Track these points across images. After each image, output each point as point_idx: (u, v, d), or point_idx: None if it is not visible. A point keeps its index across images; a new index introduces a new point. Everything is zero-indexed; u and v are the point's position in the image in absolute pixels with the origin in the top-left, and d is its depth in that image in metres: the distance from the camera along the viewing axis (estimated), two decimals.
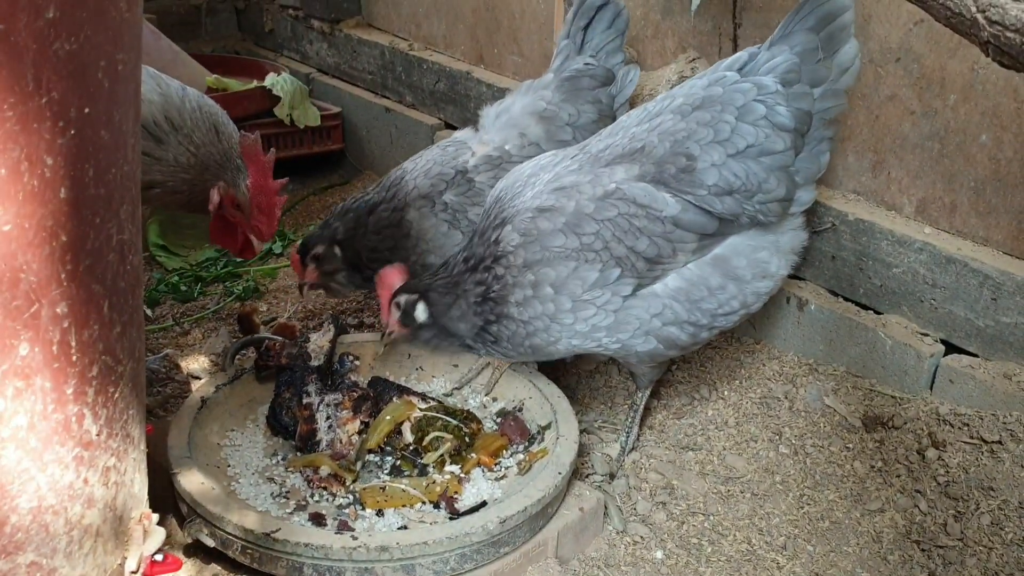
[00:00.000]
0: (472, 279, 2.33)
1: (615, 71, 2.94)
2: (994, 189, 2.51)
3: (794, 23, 2.34)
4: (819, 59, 2.32)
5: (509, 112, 2.88)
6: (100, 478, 1.45)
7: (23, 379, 1.28)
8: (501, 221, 2.31)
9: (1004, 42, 1.44)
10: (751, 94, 2.30)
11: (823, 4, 2.30)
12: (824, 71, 2.34)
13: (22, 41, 1.15)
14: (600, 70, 2.91)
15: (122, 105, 1.36)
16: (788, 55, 2.32)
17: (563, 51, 2.97)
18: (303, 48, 4.78)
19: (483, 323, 2.35)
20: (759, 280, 2.36)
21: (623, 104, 2.97)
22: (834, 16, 2.30)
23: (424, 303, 2.38)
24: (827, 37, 2.32)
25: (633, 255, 2.23)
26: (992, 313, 2.49)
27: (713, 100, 2.31)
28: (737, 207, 2.28)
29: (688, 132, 2.29)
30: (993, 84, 2.44)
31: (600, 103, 2.89)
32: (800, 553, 2.25)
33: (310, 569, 1.98)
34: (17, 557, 1.35)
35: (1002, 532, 2.19)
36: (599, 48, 2.95)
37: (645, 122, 2.36)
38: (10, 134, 1.17)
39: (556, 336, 2.30)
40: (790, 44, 2.33)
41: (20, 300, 1.24)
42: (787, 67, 2.31)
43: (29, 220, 1.22)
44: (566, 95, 2.88)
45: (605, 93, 2.91)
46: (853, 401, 2.64)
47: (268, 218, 2.66)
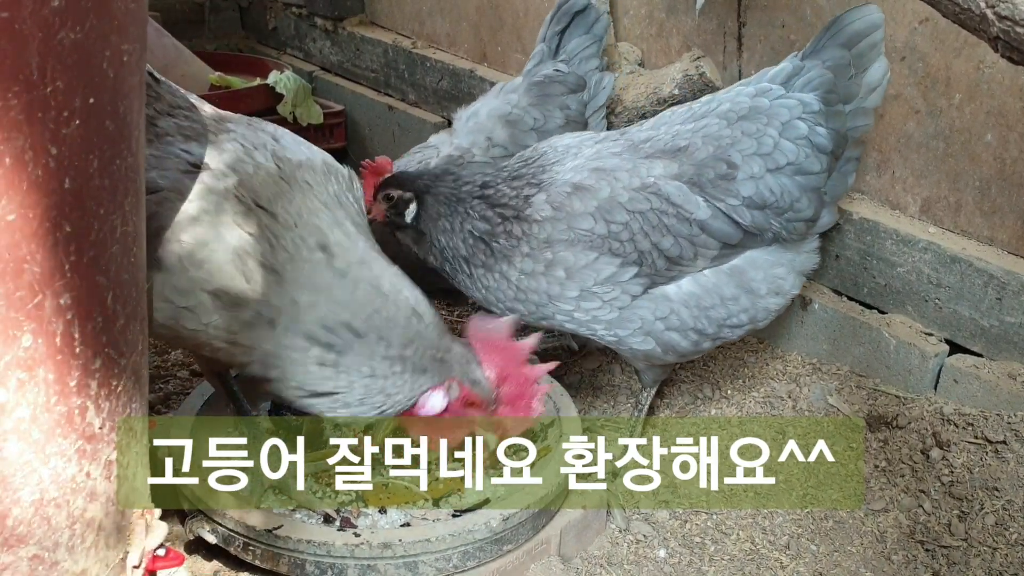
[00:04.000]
0: (480, 210, 2.29)
1: (587, 78, 2.92)
2: (999, 188, 2.50)
3: (826, 38, 2.32)
4: (851, 76, 2.31)
5: (477, 116, 2.87)
6: (103, 472, 1.44)
7: (26, 370, 1.27)
8: (538, 183, 2.29)
9: (1014, 37, 1.43)
10: (796, 111, 2.29)
11: (855, 21, 2.29)
12: (855, 88, 2.32)
13: (27, 30, 1.15)
14: (571, 77, 2.89)
15: (127, 96, 1.35)
16: (823, 71, 2.30)
17: (537, 55, 2.95)
18: (306, 46, 4.77)
19: (467, 256, 2.30)
20: (772, 296, 2.36)
21: (596, 110, 2.95)
22: (866, 33, 2.29)
23: (417, 204, 2.35)
24: (858, 54, 2.30)
25: (656, 251, 2.22)
26: (997, 313, 2.48)
27: (759, 112, 2.30)
28: (765, 222, 2.28)
29: (732, 140, 2.28)
30: (999, 83, 2.43)
31: (568, 109, 2.87)
32: (803, 553, 2.25)
33: (312, 566, 1.98)
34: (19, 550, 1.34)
35: (1006, 532, 2.18)
36: (574, 53, 2.93)
37: (690, 122, 2.34)
38: (15, 123, 1.17)
39: (548, 314, 2.28)
40: (823, 59, 2.31)
41: (24, 291, 1.23)
42: (827, 85, 2.30)
43: (33, 210, 1.22)
44: (534, 99, 2.87)
45: (575, 99, 2.89)
46: (857, 401, 2.63)
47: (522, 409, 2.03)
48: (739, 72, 2.99)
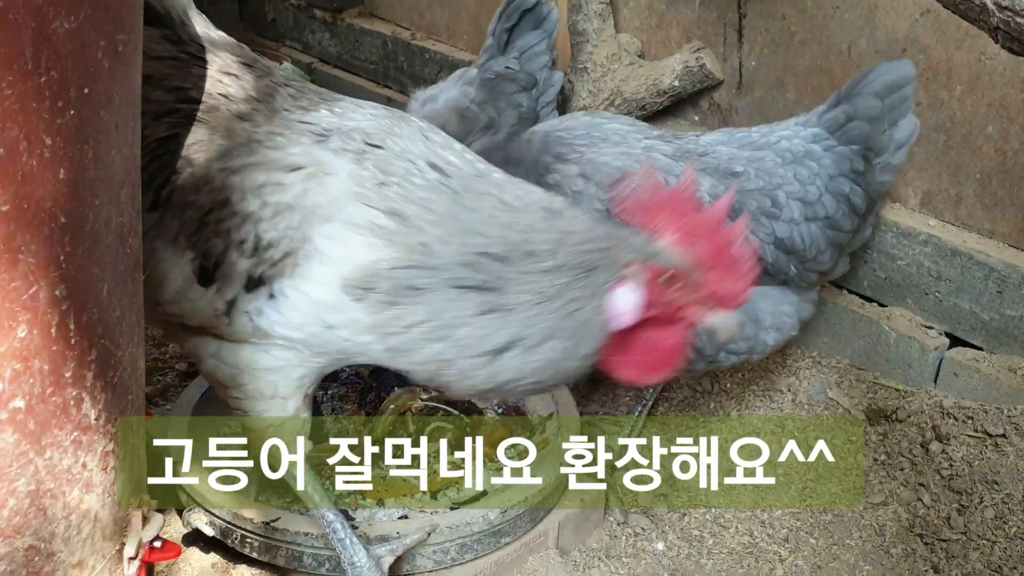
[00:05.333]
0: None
1: (537, 74, 2.90)
2: (1000, 181, 2.49)
3: (862, 84, 2.27)
4: (884, 130, 2.28)
5: (435, 102, 2.83)
6: (99, 463, 1.44)
7: (21, 361, 1.26)
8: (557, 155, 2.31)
9: (1014, 28, 1.42)
10: (843, 167, 2.27)
11: (890, 72, 2.25)
12: (886, 141, 2.30)
13: (20, 18, 1.14)
14: (522, 75, 2.87)
15: (123, 86, 1.34)
16: (864, 123, 2.27)
17: (488, 49, 2.92)
18: (305, 38, 4.76)
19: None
20: (773, 331, 2.35)
21: (546, 105, 2.93)
22: (899, 86, 2.25)
23: None
24: (889, 107, 2.26)
25: None
26: (997, 306, 2.47)
27: (812, 158, 2.29)
28: (786, 267, 2.28)
29: (783, 180, 2.27)
30: (1000, 75, 2.42)
31: (520, 107, 2.85)
32: (802, 546, 2.24)
33: (309, 558, 1.97)
34: (15, 541, 1.34)
35: (1005, 526, 2.18)
36: (524, 50, 2.91)
37: (748, 150, 2.33)
38: (8, 113, 1.16)
39: None
40: (855, 106, 2.27)
41: (18, 281, 1.23)
42: (866, 140, 2.27)
43: (28, 201, 1.21)
44: (487, 96, 2.84)
45: (527, 96, 2.88)
46: (856, 394, 2.63)
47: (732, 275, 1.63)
48: (739, 64, 2.98)
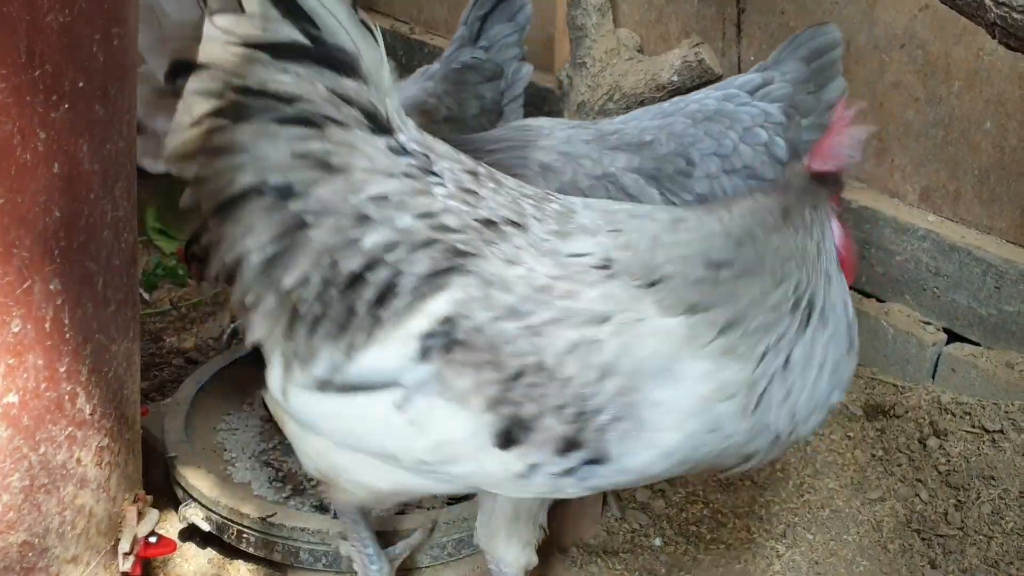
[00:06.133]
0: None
1: (506, 66, 2.89)
2: (998, 177, 2.49)
3: (787, 51, 2.35)
4: (810, 91, 2.33)
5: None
6: (93, 458, 1.44)
7: (15, 356, 1.26)
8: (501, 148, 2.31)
9: (1011, 23, 1.42)
10: (759, 119, 2.31)
11: (816, 37, 2.31)
12: (813, 102, 2.34)
13: (15, 12, 1.14)
14: (488, 64, 2.86)
15: (117, 80, 1.34)
16: (786, 83, 2.33)
17: (457, 39, 2.91)
18: None
19: None
20: None
21: (513, 100, 2.92)
22: (825, 50, 2.31)
23: None
24: (816, 70, 2.32)
25: None
26: (995, 302, 2.47)
27: (724, 115, 2.32)
28: None
29: (694, 138, 2.29)
30: (998, 71, 2.42)
31: (483, 99, 2.84)
32: (799, 541, 2.24)
33: (306, 554, 1.97)
34: (9, 536, 1.34)
35: (1002, 521, 2.18)
36: (495, 40, 2.90)
37: (658, 118, 2.36)
38: (2, 107, 1.16)
39: None
40: (783, 71, 2.34)
41: (13, 276, 1.23)
42: (789, 98, 2.32)
43: (22, 195, 1.21)
44: (449, 87, 2.83)
45: (491, 88, 2.86)
46: (854, 390, 2.63)
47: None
48: (738, 59, 2.98)
